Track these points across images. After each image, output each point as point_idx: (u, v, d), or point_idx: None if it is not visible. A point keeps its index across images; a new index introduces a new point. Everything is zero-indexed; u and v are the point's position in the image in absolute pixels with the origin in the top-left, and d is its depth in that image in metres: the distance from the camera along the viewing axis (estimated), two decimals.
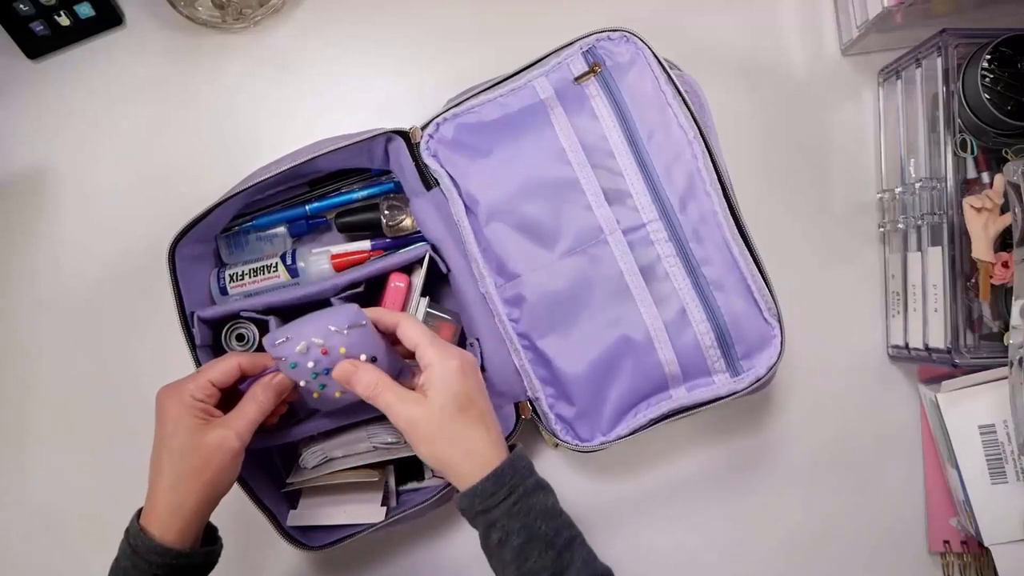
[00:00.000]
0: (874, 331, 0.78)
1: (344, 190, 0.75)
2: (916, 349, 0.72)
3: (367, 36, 0.80)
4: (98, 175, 0.79)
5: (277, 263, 0.71)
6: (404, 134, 0.69)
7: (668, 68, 0.66)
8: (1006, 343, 0.67)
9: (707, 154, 0.65)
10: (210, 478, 0.56)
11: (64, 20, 0.77)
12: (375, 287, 0.69)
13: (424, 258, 0.69)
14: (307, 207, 0.75)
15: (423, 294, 0.69)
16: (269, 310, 0.67)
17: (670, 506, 0.76)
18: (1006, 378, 0.68)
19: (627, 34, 0.68)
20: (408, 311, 0.68)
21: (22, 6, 0.75)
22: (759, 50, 0.80)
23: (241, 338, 0.67)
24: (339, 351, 0.58)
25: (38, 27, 0.77)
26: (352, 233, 0.75)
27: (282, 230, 0.74)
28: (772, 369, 0.65)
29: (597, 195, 0.66)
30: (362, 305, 0.60)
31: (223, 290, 0.71)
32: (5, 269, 0.78)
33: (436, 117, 0.69)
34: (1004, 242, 0.68)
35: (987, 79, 0.67)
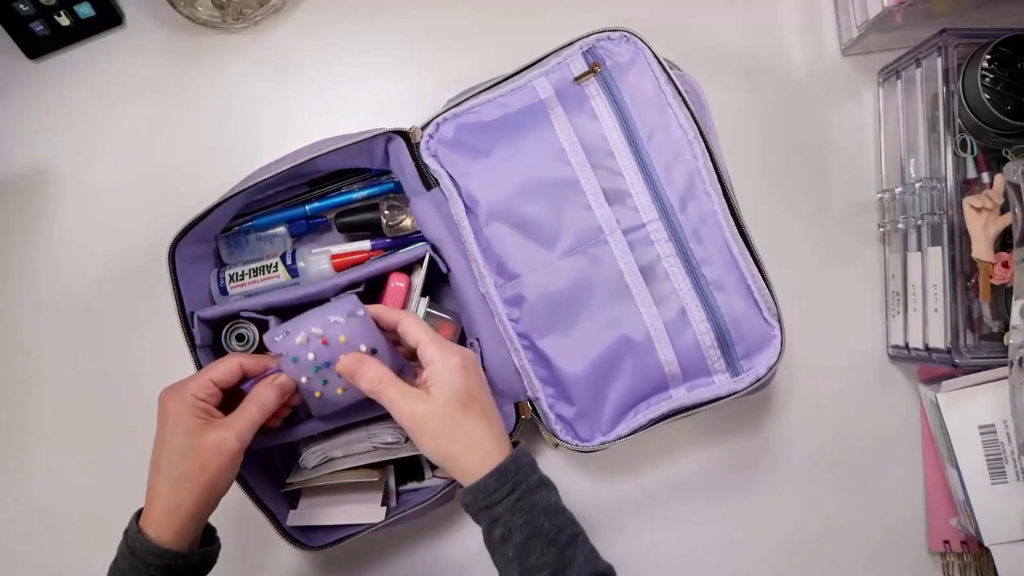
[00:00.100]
0: (874, 331, 0.78)
1: (344, 190, 0.75)
2: (916, 349, 0.72)
3: (367, 36, 0.80)
4: (98, 175, 0.79)
5: (277, 263, 0.71)
6: (404, 134, 0.69)
7: (668, 68, 0.66)
8: (1006, 343, 0.67)
9: (707, 154, 0.65)
10: (208, 480, 0.55)
11: (64, 20, 0.77)
12: (375, 287, 0.69)
13: (424, 258, 0.69)
14: (307, 207, 0.75)
15: (423, 294, 0.69)
16: (269, 310, 0.67)
17: (670, 506, 0.76)
18: (1006, 378, 0.68)
19: (627, 34, 0.68)
20: (408, 311, 0.68)
21: (22, 6, 0.75)
22: (759, 50, 0.80)
23: (241, 338, 0.67)
24: (339, 340, 0.58)
25: (38, 27, 0.77)
26: (352, 233, 0.75)
27: (282, 230, 0.74)
28: (772, 369, 0.65)
29: (597, 195, 0.66)
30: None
31: (223, 290, 0.71)
32: (5, 269, 0.78)
33: (436, 117, 0.69)
34: (1004, 242, 0.68)
35: (987, 79, 0.67)
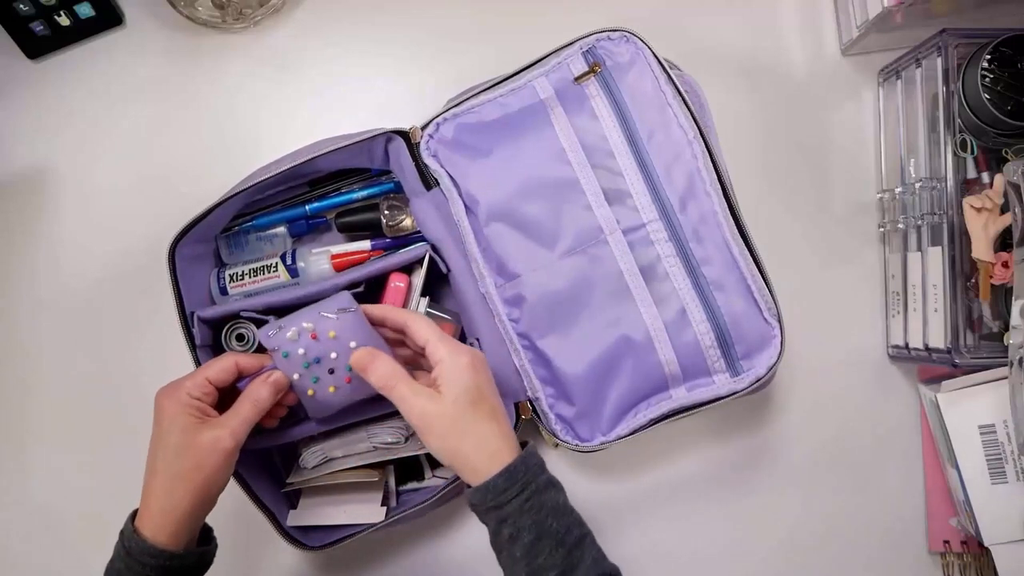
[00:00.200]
0: (874, 331, 0.78)
1: (344, 190, 0.75)
2: (916, 349, 0.72)
3: (367, 36, 0.80)
4: (98, 175, 0.79)
5: (277, 263, 0.71)
6: (404, 134, 0.69)
7: (668, 68, 0.66)
8: (1006, 343, 0.67)
9: (707, 154, 0.65)
10: (204, 479, 0.56)
11: (64, 20, 0.77)
12: (375, 287, 0.69)
13: (424, 258, 0.69)
14: (307, 207, 0.75)
15: (423, 294, 0.69)
16: (269, 310, 0.67)
17: (670, 506, 0.76)
18: (1006, 378, 0.68)
19: (627, 34, 0.68)
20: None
21: (22, 6, 0.75)
22: (759, 50, 0.80)
23: (241, 338, 0.67)
24: (328, 335, 0.58)
25: (38, 27, 0.77)
26: (352, 233, 0.75)
27: (282, 230, 0.74)
28: (772, 369, 0.65)
29: (597, 195, 0.66)
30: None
31: (223, 290, 0.71)
32: (5, 269, 0.78)
33: (436, 117, 0.69)
34: (1004, 242, 0.68)
35: (987, 79, 0.67)
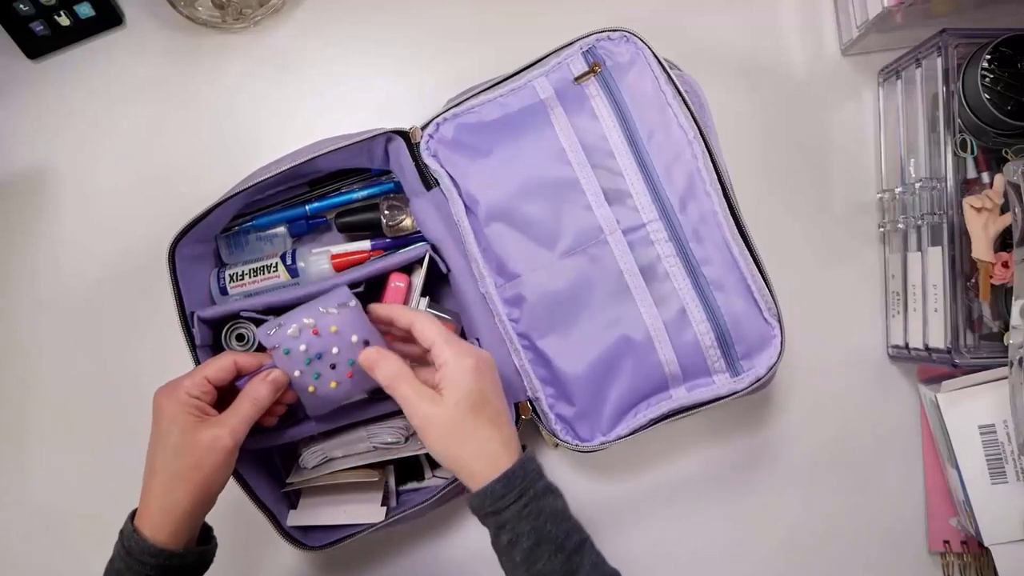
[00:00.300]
0: (874, 331, 0.78)
1: (344, 190, 0.75)
2: (916, 349, 0.72)
3: (367, 36, 0.80)
4: (98, 175, 0.79)
5: (277, 263, 0.71)
6: (404, 134, 0.69)
7: (668, 68, 0.66)
8: (1006, 343, 0.67)
9: (707, 154, 0.65)
10: (203, 478, 0.56)
11: (64, 20, 0.77)
12: (375, 287, 0.69)
13: (424, 258, 0.69)
14: (307, 207, 0.75)
15: (423, 294, 0.69)
16: (269, 310, 0.67)
17: (670, 506, 0.76)
18: (1006, 378, 0.68)
19: (627, 34, 0.67)
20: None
21: (22, 6, 0.75)
22: (759, 50, 0.80)
23: (241, 338, 0.67)
24: (330, 330, 0.58)
25: (38, 27, 0.77)
26: (352, 233, 0.75)
27: (282, 230, 0.74)
28: (772, 369, 0.65)
29: (597, 195, 0.66)
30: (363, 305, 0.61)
31: (223, 290, 0.71)
32: (5, 269, 0.78)
33: (436, 117, 0.69)
34: (1004, 242, 0.68)
35: (987, 79, 0.67)
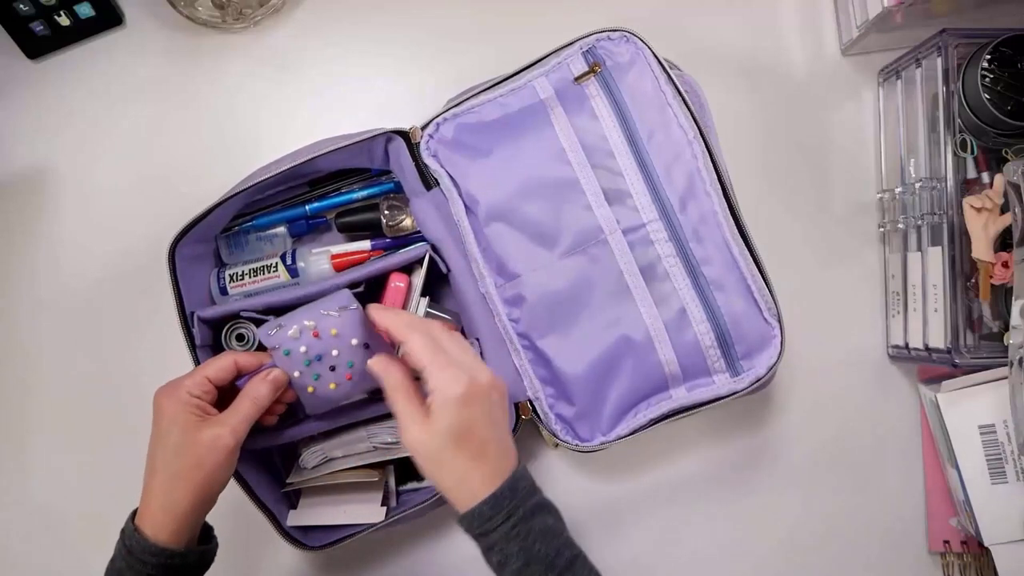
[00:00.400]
0: (874, 331, 0.78)
1: (344, 190, 0.75)
2: (916, 349, 0.72)
3: (367, 36, 0.80)
4: (98, 175, 0.79)
5: (277, 263, 0.71)
6: (404, 134, 0.69)
7: (668, 68, 0.66)
8: (1006, 343, 0.67)
9: (707, 154, 0.65)
10: (204, 477, 0.56)
11: (64, 20, 0.77)
12: (375, 287, 0.69)
13: (424, 258, 0.69)
14: (307, 207, 0.75)
15: (423, 294, 0.69)
16: (269, 310, 0.67)
17: (670, 506, 0.76)
18: (1006, 378, 0.68)
19: (627, 34, 0.68)
20: (408, 311, 0.68)
21: (22, 6, 0.75)
22: (759, 50, 0.80)
23: (241, 338, 0.67)
24: (330, 333, 0.58)
25: (38, 27, 0.77)
26: (352, 233, 0.75)
27: (282, 230, 0.74)
28: (772, 369, 0.65)
29: (597, 195, 0.66)
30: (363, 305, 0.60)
31: (223, 290, 0.71)
32: (5, 269, 0.78)
33: (436, 117, 0.69)
34: (1004, 242, 0.68)
35: (987, 79, 0.67)
